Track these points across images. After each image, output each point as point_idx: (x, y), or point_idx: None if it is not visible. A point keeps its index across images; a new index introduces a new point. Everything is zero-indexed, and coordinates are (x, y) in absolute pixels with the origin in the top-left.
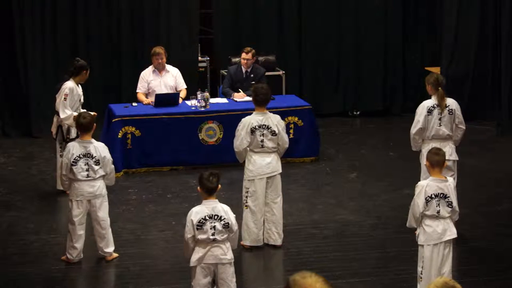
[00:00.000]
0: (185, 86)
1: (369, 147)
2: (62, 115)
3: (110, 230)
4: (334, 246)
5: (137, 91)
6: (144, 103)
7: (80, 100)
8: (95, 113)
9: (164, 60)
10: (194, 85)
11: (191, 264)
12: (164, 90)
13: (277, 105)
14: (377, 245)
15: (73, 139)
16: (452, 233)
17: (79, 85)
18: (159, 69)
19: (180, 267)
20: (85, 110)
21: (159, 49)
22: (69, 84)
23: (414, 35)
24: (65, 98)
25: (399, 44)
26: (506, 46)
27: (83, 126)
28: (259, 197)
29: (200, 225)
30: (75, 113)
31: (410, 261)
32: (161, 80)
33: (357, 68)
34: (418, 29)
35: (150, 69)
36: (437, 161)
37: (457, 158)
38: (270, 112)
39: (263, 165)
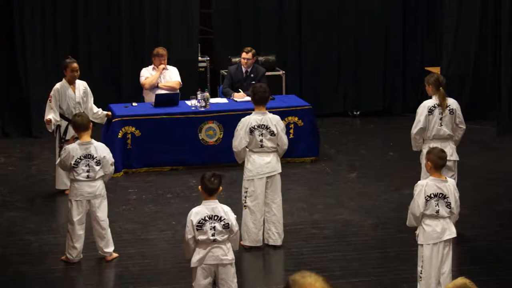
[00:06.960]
0: (179, 80)
1: (369, 147)
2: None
3: (109, 230)
4: (334, 246)
5: (143, 80)
6: (154, 81)
7: (73, 99)
8: (109, 113)
9: (166, 61)
10: (194, 85)
11: (192, 265)
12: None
13: (277, 105)
14: (377, 245)
15: (68, 141)
16: (451, 232)
17: (74, 84)
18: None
19: (180, 267)
20: (82, 111)
21: (162, 50)
22: (56, 85)
23: (414, 35)
24: (50, 100)
25: (399, 44)
26: (506, 46)
27: (78, 125)
28: (259, 197)
29: (200, 225)
30: (49, 117)
31: (410, 261)
32: (161, 75)
33: (357, 68)
34: (418, 29)
35: (150, 67)
36: (440, 165)
37: (457, 159)
38: (270, 112)
39: (262, 164)
